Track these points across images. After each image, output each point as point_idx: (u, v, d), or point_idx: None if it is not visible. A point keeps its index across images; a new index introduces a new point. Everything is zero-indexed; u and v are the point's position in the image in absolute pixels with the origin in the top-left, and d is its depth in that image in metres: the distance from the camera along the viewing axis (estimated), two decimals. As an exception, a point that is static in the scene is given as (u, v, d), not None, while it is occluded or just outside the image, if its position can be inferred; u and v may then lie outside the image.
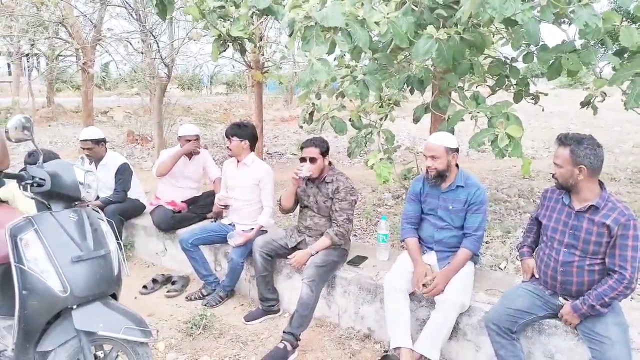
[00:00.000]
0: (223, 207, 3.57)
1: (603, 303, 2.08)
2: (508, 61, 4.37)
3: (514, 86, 4.89)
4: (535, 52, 3.81)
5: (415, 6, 3.31)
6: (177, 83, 22.93)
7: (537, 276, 2.39)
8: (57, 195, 2.15)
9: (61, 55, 14.50)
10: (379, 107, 5.10)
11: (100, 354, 2.20)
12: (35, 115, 14.76)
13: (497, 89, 4.95)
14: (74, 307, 2.07)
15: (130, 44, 10.17)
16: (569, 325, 2.23)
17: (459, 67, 3.74)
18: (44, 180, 2.08)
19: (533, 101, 5.29)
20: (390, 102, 5.17)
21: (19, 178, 2.07)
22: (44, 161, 2.20)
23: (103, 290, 2.16)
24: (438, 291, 2.53)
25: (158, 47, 9.44)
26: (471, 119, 3.51)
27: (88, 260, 2.10)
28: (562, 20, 3.54)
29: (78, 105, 15.09)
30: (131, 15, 9.60)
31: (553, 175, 2.26)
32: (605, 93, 4.65)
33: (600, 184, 2.21)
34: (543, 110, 6.18)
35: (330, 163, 3.14)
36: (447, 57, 2.97)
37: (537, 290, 2.36)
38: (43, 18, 10.21)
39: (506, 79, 4.68)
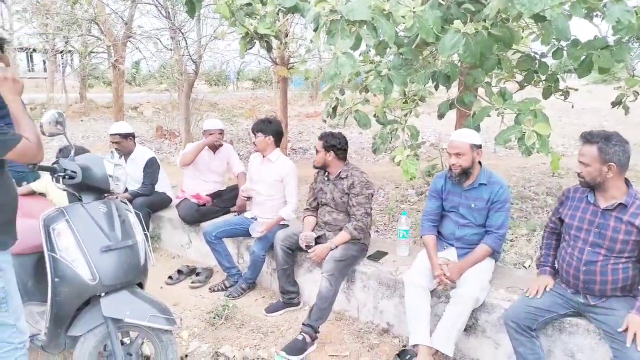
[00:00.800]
0: (246, 198, 3.65)
1: None
2: (537, 56, 4.30)
3: (543, 82, 4.80)
4: (565, 48, 3.75)
5: (442, 0, 3.29)
6: (204, 79, 23.25)
7: (548, 289, 2.35)
8: (88, 187, 2.25)
9: (93, 52, 14.89)
10: (404, 102, 5.08)
11: (126, 340, 2.29)
12: (68, 111, 15.24)
13: (525, 84, 4.88)
14: (102, 294, 2.17)
15: (160, 41, 10.38)
16: None
17: (486, 63, 3.67)
18: (75, 172, 2.18)
19: (562, 97, 5.19)
20: (416, 97, 5.15)
21: (52, 170, 2.18)
22: (64, 156, 2.30)
23: (130, 279, 2.25)
24: (450, 280, 2.53)
25: (186, 44, 9.61)
26: (497, 116, 3.47)
27: (116, 250, 2.20)
28: (594, 14, 3.46)
29: (109, 101, 15.48)
30: (160, 12, 9.80)
31: (579, 174, 2.22)
32: (638, 92, 4.51)
33: (627, 181, 2.17)
34: (573, 106, 6.03)
35: (343, 159, 3.17)
36: (474, 52, 2.94)
37: (558, 289, 2.33)
38: (77, 16, 10.50)
39: (535, 75, 4.60)
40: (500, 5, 2.69)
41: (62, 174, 2.16)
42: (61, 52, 17.79)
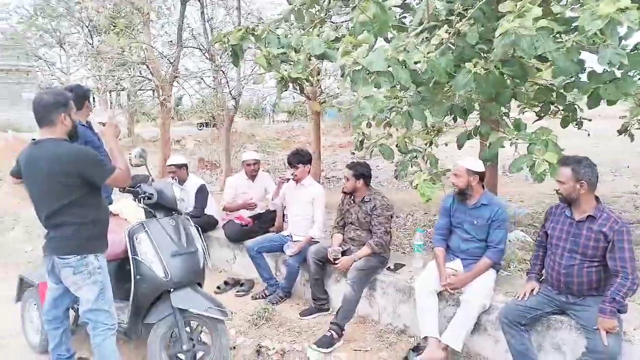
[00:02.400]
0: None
1: (620, 298, 2.40)
2: (555, 88, 4.52)
3: (561, 112, 5.11)
4: (575, 81, 4.12)
5: (453, 44, 3.78)
6: (242, 112, 24.42)
7: (535, 293, 2.77)
8: (161, 206, 2.89)
9: (141, 90, 16.16)
10: (425, 133, 5.60)
11: (188, 329, 2.85)
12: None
13: (542, 115, 5.26)
14: (172, 290, 2.76)
15: (203, 80, 11.33)
16: (613, 330, 2.40)
17: (502, 97, 4.03)
18: (152, 194, 2.82)
19: (577, 127, 5.50)
20: (434, 129, 5.66)
21: (135, 193, 2.82)
22: (140, 181, 2.94)
23: (192, 279, 2.85)
24: (455, 288, 3.00)
25: (227, 82, 10.50)
26: (510, 145, 3.85)
27: (183, 255, 2.80)
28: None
29: (154, 135, 16.60)
30: (204, 55, 10.77)
31: (557, 190, 2.68)
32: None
33: (596, 198, 2.62)
34: (589, 135, 6.38)
35: (368, 185, 3.70)
36: (486, 89, 3.36)
37: (544, 290, 2.77)
38: (130, 60, 11.59)
39: (552, 105, 4.90)
40: (504, 49, 2.99)
41: (143, 195, 2.81)
42: (111, 91, 19.28)
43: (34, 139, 2.50)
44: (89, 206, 2.49)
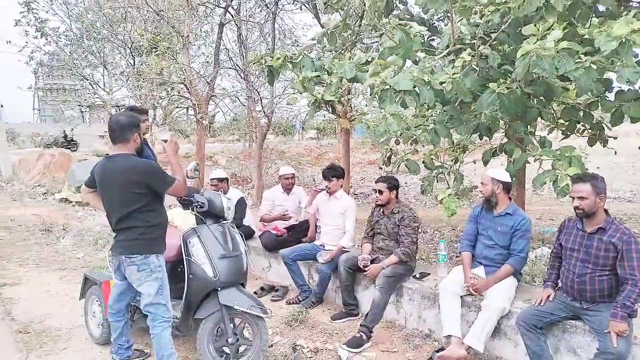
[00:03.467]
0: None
1: (630, 304, 2.60)
2: (581, 107, 4.69)
3: (588, 130, 5.24)
4: (599, 100, 4.28)
5: (476, 66, 4.01)
6: (272, 130, 25.02)
7: (551, 299, 2.99)
8: (210, 214, 3.25)
9: (177, 108, 16.88)
10: (451, 151, 5.83)
11: (232, 325, 3.18)
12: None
13: (569, 133, 5.34)
14: (219, 289, 3.10)
15: (239, 99, 11.88)
16: (624, 333, 2.59)
17: (527, 115, 4.27)
18: (204, 204, 3.19)
19: (602, 145, 5.60)
20: (459, 146, 5.89)
21: (189, 202, 3.20)
22: (193, 193, 3.32)
23: (237, 279, 3.19)
24: (479, 291, 3.24)
25: (261, 101, 10.99)
26: (534, 162, 4.03)
27: (229, 258, 3.15)
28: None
29: (188, 151, 17.26)
30: (239, 75, 11.32)
31: (577, 207, 2.83)
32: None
33: (606, 211, 2.84)
34: (615, 153, 6.48)
35: (397, 197, 3.99)
36: (509, 109, 3.57)
37: (560, 297, 2.98)
38: (170, 80, 12.25)
39: (578, 124, 5.07)
40: (525, 69, 3.12)
41: (196, 204, 3.18)
42: (149, 109, 20.16)
43: (107, 154, 2.91)
44: (153, 212, 2.87)
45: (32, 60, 19.14)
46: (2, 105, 16.37)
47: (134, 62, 17.22)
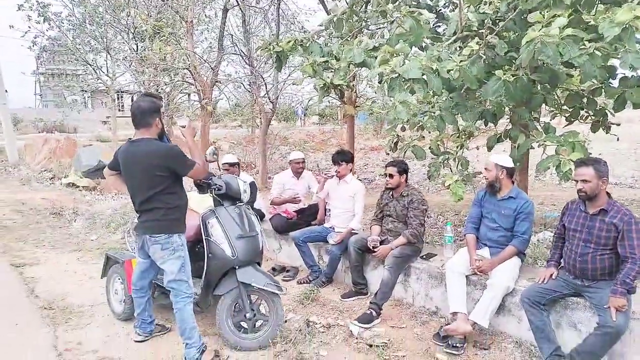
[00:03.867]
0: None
1: (630, 281, 2.74)
2: (585, 94, 4.75)
3: (591, 117, 5.30)
4: (602, 86, 4.35)
5: (483, 54, 4.07)
6: (275, 116, 25.05)
7: (553, 277, 3.13)
8: (228, 196, 3.39)
9: (181, 93, 16.93)
10: (457, 137, 5.93)
11: (248, 301, 3.33)
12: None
13: (572, 119, 5.43)
14: (237, 267, 3.25)
15: (243, 84, 11.94)
16: (622, 309, 2.70)
17: (532, 101, 4.33)
18: (222, 186, 3.32)
19: (605, 131, 5.69)
20: (465, 133, 5.99)
21: (208, 185, 3.33)
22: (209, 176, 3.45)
23: (253, 258, 3.34)
24: (484, 271, 3.38)
25: (266, 87, 11.06)
26: (538, 147, 4.13)
27: (246, 238, 3.30)
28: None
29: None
30: (244, 61, 11.37)
31: (580, 189, 2.96)
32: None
33: (608, 193, 2.97)
34: (618, 139, 6.58)
35: (406, 180, 4.12)
36: (515, 95, 3.65)
37: (562, 275, 3.13)
38: (174, 66, 12.28)
39: (581, 110, 5.16)
40: (529, 56, 3.19)
41: (214, 186, 3.31)
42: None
43: (130, 138, 3.04)
44: (174, 194, 3.01)
45: (35, 46, 19.14)
46: (6, 91, 16.40)
47: (137, 48, 17.22)
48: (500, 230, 3.56)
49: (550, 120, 6.05)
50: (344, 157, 4.55)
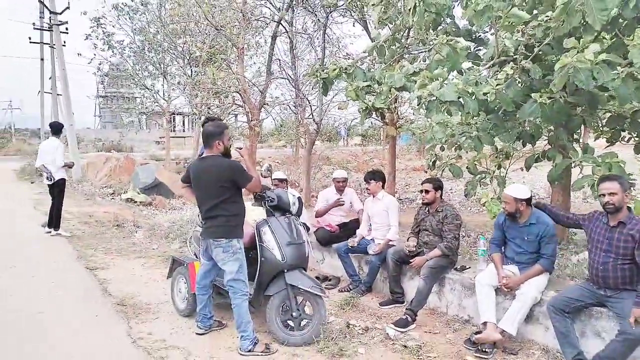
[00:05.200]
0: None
1: None
2: (628, 115, 4.79)
3: (635, 138, 5.35)
4: None
5: (518, 78, 4.26)
6: (319, 136, 25.66)
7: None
8: (279, 208, 3.84)
9: (230, 114, 17.85)
10: (495, 157, 6.16)
11: (295, 302, 3.73)
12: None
13: (613, 141, 5.51)
14: (286, 270, 3.67)
15: (289, 106, 12.56)
16: None
17: (571, 123, 4.50)
18: (274, 199, 3.78)
19: None
20: (502, 153, 6.20)
21: (262, 198, 3.80)
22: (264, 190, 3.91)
23: (300, 263, 3.75)
24: (511, 287, 3.65)
25: (311, 109, 11.61)
26: (574, 167, 4.34)
27: (294, 245, 3.72)
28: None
29: (237, 156, 18.10)
30: (291, 84, 12.00)
31: (607, 202, 3.19)
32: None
33: (628, 207, 3.20)
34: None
35: (441, 197, 4.44)
36: (550, 117, 3.86)
37: (586, 285, 3.36)
38: (226, 89, 13.05)
39: (622, 132, 5.24)
40: (562, 81, 3.42)
41: (268, 199, 3.77)
42: (203, 116, 21.32)
43: (200, 155, 3.56)
44: (235, 204, 3.49)
45: (99, 71, 20.67)
46: (73, 113, 17.85)
47: (192, 73, 18.33)
48: (527, 253, 3.79)
49: (595, 140, 6.16)
50: (373, 176, 4.98)
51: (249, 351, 3.41)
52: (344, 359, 3.40)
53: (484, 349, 3.51)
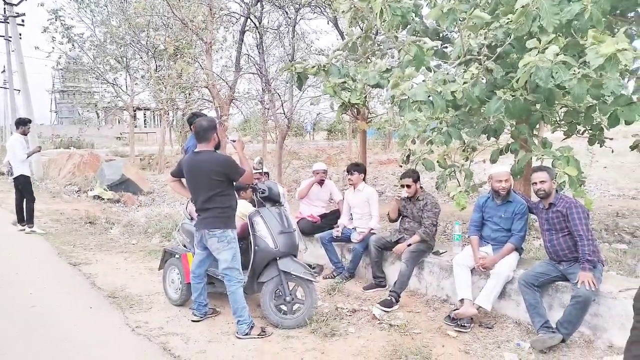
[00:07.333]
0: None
1: (589, 256, 3.40)
2: (582, 110, 5.12)
3: (588, 131, 5.88)
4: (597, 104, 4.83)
5: (483, 77, 4.62)
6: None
7: None
8: (270, 199, 4.02)
9: (197, 109, 17.73)
10: (462, 151, 6.52)
11: (287, 287, 3.93)
12: (166, 160, 18.04)
13: (570, 134, 5.98)
14: (278, 258, 3.86)
15: (260, 102, 12.66)
16: (592, 282, 3.31)
17: (531, 119, 4.84)
18: (265, 190, 3.96)
19: (600, 145, 6.24)
20: (469, 147, 6.58)
21: (254, 189, 3.97)
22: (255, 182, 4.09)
23: (291, 251, 3.95)
24: (487, 267, 4.00)
25: (282, 104, 11.76)
26: (536, 161, 4.66)
27: (285, 233, 3.92)
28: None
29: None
30: (261, 79, 12.11)
31: (539, 189, 3.67)
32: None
33: (556, 190, 3.69)
34: (612, 151, 7.16)
35: (421, 187, 4.73)
36: (514, 113, 4.15)
37: (550, 262, 3.75)
38: (194, 84, 12.99)
39: (578, 126, 5.69)
40: (525, 78, 3.72)
41: (259, 190, 3.95)
42: (168, 112, 21.03)
43: (193, 150, 3.69)
44: (228, 196, 3.65)
45: (58, 65, 20.00)
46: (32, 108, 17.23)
47: (156, 67, 18.03)
48: (502, 231, 4.14)
49: (552, 133, 6.63)
50: (356, 168, 5.24)
51: (246, 334, 3.59)
52: (335, 338, 3.64)
53: (462, 324, 3.82)
